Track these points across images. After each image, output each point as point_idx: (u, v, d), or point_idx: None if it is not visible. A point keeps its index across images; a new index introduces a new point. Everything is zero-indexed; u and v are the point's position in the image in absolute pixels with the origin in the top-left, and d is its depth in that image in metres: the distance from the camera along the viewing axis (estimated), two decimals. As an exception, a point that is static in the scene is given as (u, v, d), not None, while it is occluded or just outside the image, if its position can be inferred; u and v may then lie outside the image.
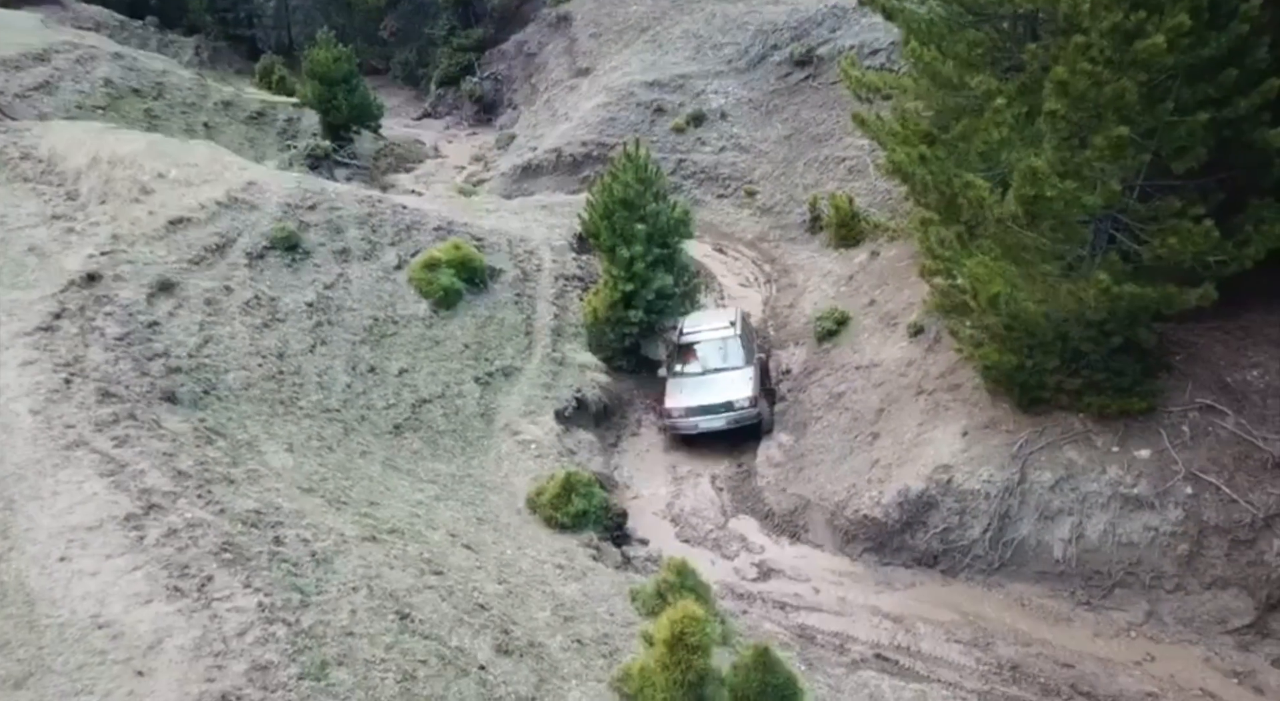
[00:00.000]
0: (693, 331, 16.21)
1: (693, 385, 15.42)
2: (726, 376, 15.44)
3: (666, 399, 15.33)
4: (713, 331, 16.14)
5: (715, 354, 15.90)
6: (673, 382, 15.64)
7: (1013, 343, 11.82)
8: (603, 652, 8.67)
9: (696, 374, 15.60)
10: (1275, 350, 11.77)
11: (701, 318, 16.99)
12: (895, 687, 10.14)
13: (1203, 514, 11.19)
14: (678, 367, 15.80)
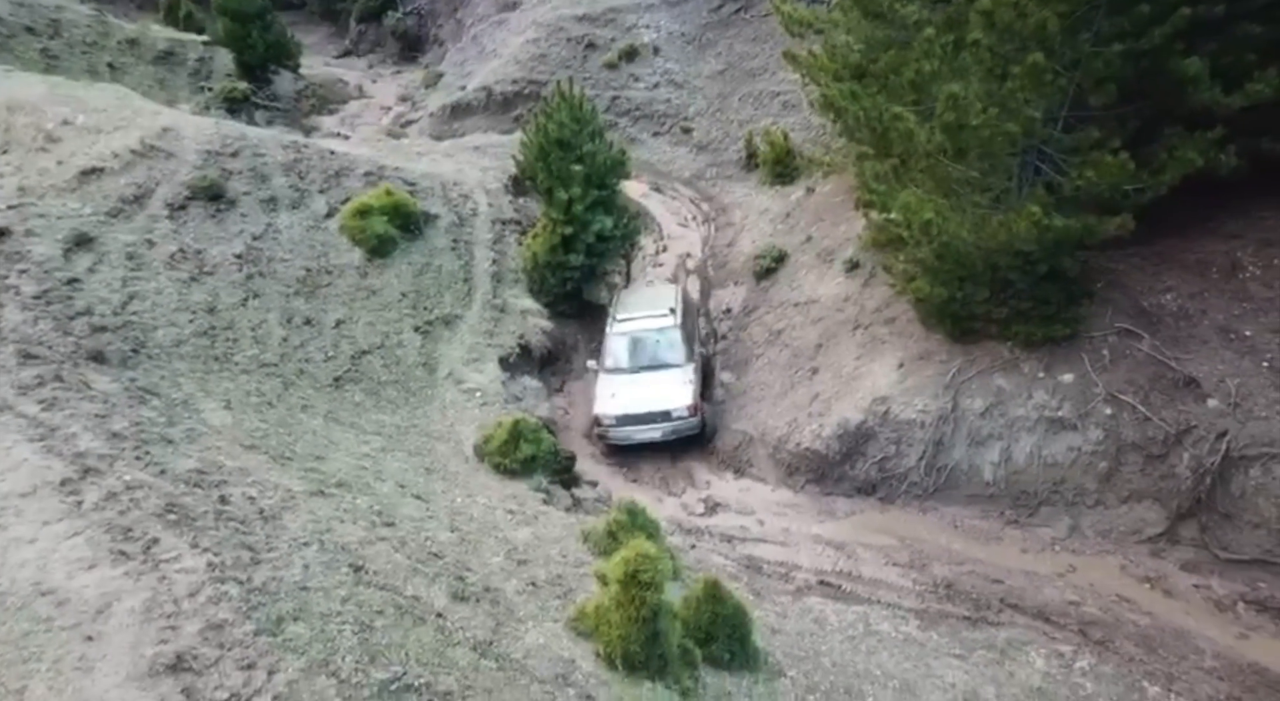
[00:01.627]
0: (625, 319, 14.68)
1: (625, 387, 13.83)
2: (664, 377, 13.95)
3: (596, 403, 13.85)
4: (649, 320, 14.52)
5: (650, 348, 14.32)
6: (603, 382, 14.10)
7: (944, 275, 12.15)
8: (557, 594, 8.84)
9: (627, 371, 14.15)
10: (1188, 275, 12.35)
11: (638, 298, 15.49)
12: (839, 611, 10.63)
13: (1121, 432, 11.83)
14: (609, 362, 14.34)
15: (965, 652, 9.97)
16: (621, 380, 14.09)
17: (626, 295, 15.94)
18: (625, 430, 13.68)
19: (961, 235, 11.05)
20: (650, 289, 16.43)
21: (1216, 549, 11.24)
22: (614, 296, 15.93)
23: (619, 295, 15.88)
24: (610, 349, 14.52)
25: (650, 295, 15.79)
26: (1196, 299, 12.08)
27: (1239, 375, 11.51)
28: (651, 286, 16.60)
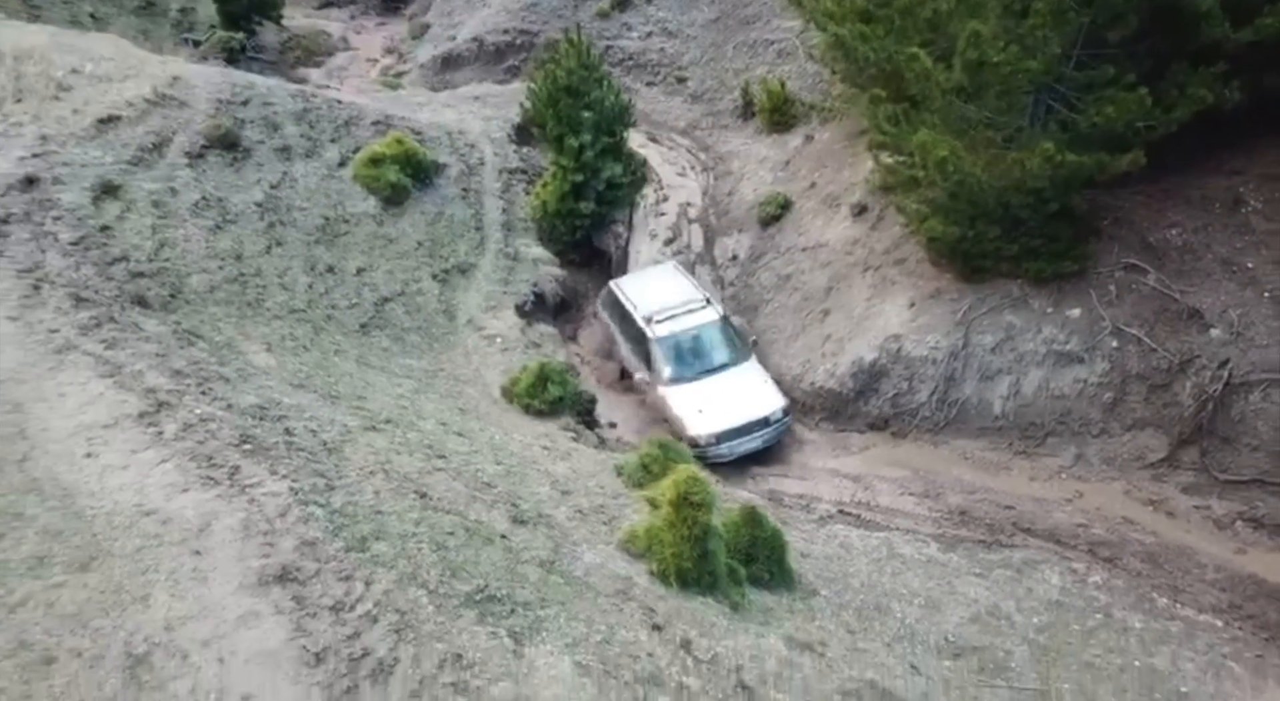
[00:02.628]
0: (665, 318, 13.05)
1: (706, 399, 12.52)
2: (741, 379, 12.87)
3: (683, 423, 12.43)
4: (689, 316, 13.09)
5: (707, 349, 13.11)
6: (674, 397, 12.63)
7: (956, 214, 12.46)
8: (603, 520, 9.17)
9: (692, 379, 12.85)
10: (1191, 210, 12.76)
11: (650, 287, 13.86)
12: (862, 537, 11.08)
13: (1126, 364, 12.32)
14: (668, 373, 12.84)
15: (984, 572, 10.47)
16: (695, 391, 12.68)
17: (630, 284, 14.06)
18: (727, 446, 12.47)
19: (975, 173, 11.34)
20: (658, 275, 14.53)
21: (1216, 471, 11.81)
22: (609, 290, 14.08)
23: (620, 286, 13.96)
24: (662, 356, 12.90)
25: (663, 283, 14.03)
26: (1200, 233, 12.51)
27: (1241, 306, 11.99)
28: (656, 271, 14.69)
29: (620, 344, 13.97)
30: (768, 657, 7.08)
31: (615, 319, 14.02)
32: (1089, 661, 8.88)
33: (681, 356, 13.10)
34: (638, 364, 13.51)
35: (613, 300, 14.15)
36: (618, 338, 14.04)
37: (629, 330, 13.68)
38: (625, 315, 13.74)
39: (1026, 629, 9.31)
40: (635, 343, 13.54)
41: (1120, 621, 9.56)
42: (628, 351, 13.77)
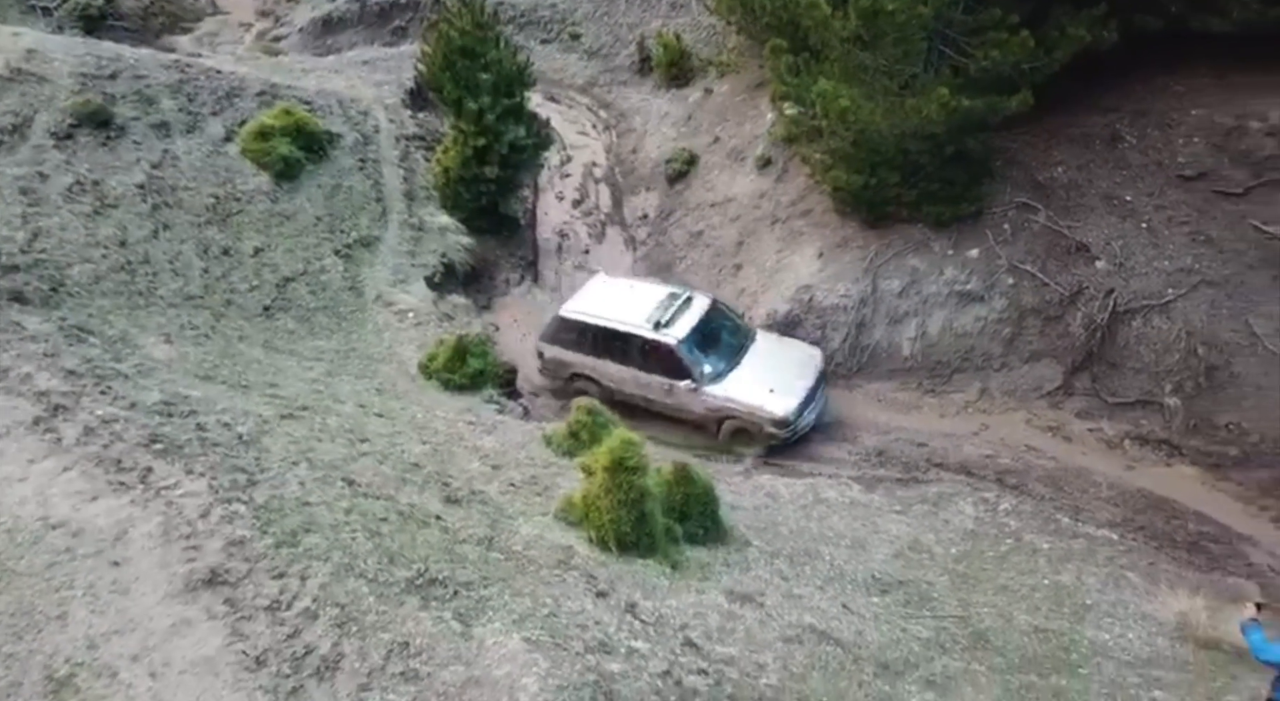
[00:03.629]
0: (663, 317, 12.20)
1: (760, 376, 12.03)
2: (771, 347, 12.56)
3: (764, 409, 11.75)
4: (690, 308, 12.39)
5: (722, 335, 12.60)
6: (736, 388, 11.95)
7: (858, 162, 12.71)
8: (536, 492, 9.14)
9: (732, 368, 12.23)
10: (1074, 148, 13.38)
11: (607, 299, 12.80)
12: (788, 484, 11.39)
13: (1021, 299, 12.95)
14: (706, 369, 12.05)
15: (904, 508, 10.93)
16: (747, 376, 12.07)
17: (591, 306, 12.76)
18: (809, 413, 12.10)
19: (876, 121, 11.57)
20: (608, 286, 13.33)
21: (1106, 395, 12.62)
22: (563, 321, 12.71)
23: (580, 312, 12.65)
24: (692, 357, 12.07)
25: (624, 291, 13.03)
26: (1083, 170, 13.15)
27: (1122, 237, 12.73)
28: (598, 285, 13.41)
29: (605, 372, 12.59)
30: (710, 613, 7.26)
31: (589, 348, 12.54)
32: (1004, 584, 9.42)
33: (710, 349, 12.29)
34: (648, 380, 12.30)
35: (578, 328, 12.57)
36: (598, 367, 12.61)
37: (623, 350, 12.34)
38: (612, 336, 12.34)
39: (946, 559, 9.79)
40: (642, 359, 12.24)
41: (1029, 544, 10.16)
42: (627, 374, 12.44)
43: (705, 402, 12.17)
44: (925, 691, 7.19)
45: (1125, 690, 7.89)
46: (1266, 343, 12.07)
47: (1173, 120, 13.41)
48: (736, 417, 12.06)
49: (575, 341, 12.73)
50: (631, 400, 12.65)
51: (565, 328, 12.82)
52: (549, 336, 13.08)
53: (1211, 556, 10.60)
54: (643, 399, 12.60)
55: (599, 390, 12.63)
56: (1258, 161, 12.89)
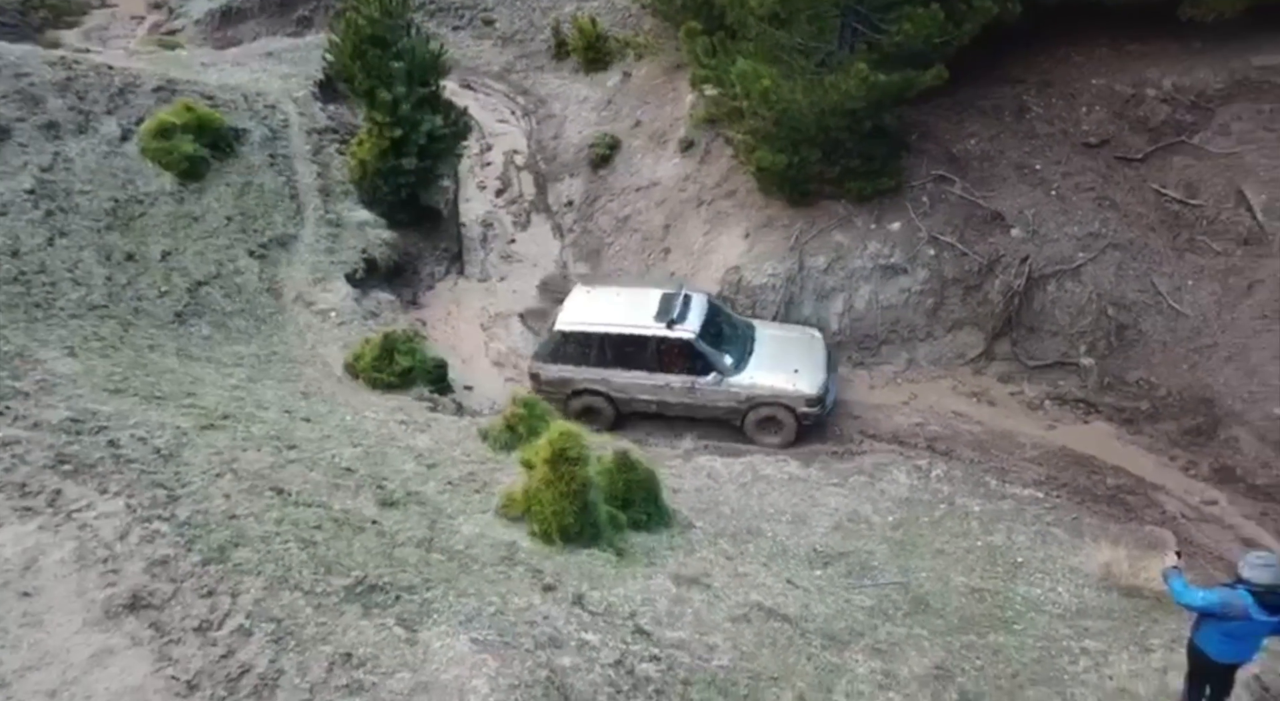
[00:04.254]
0: (672, 315, 11.84)
1: (779, 360, 12.00)
2: (776, 333, 12.61)
3: (795, 390, 11.70)
4: (693, 304, 12.11)
5: (732, 324, 12.56)
6: (756, 375, 11.84)
7: (781, 142, 12.80)
8: (475, 489, 8.97)
9: (746, 355, 12.13)
10: (985, 120, 13.75)
11: (602, 305, 12.43)
12: (727, 464, 11.44)
13: (943, 270, 13.27)
14: (727, 361, 11.92)
15: (841, 481, 11.11)
16: (766, 363, 11.98)
17: (588, 314, 12.31)
18: (831, 393, 12.16)
19: (797, 99, 11.65)
20: (597, 294, 12.86)
21: (1025, 359, 13.07)
22: (564, 335, 12.18)
23: (579, 322, 12.17)
24: (711, 351, 11.88)
25: (618, 295, 12.64)
26: (995, 141, 13.52)
27: (1034, 205, 13.15)
28: (582, 294, 12.91)
29: (616, 382, 12.16)
30: (659, 598, 7.24)
31: (595, 359, 12.07)
32: (940, 548, 9.67)
33: (724, 341, 12.16)
34: (665, 382, 12.00)
35: (581, 340, 12.09)
36: (607, 378, 12.16)
37: (635, 355, 11.97)
38: (621, 342, 11.93)
39: (884, 528, 9.99)
40: (657, 361, 11.92)
41: (962, 507, 10.44)
42: (641, 380, 12.07)
43: (732, 394, 11.91)
44: (871, 659, 7.32)
45: (1058, 642, 8.18)
46: (1169, 300, 12.67)
47: (1075, 90, 13.91)
48: (766, 404, 11.85)
49: (578, 355, 12.11)
50: (645, 408, 12.35)
51: (565, 342, 12.15)
52: (546, 355, 12.34)
53: (1129, 507, 11.08)
54: (658, 404, 12.25)
55: (607, 405, 12.29)
56: (1154, 127, 13.49)
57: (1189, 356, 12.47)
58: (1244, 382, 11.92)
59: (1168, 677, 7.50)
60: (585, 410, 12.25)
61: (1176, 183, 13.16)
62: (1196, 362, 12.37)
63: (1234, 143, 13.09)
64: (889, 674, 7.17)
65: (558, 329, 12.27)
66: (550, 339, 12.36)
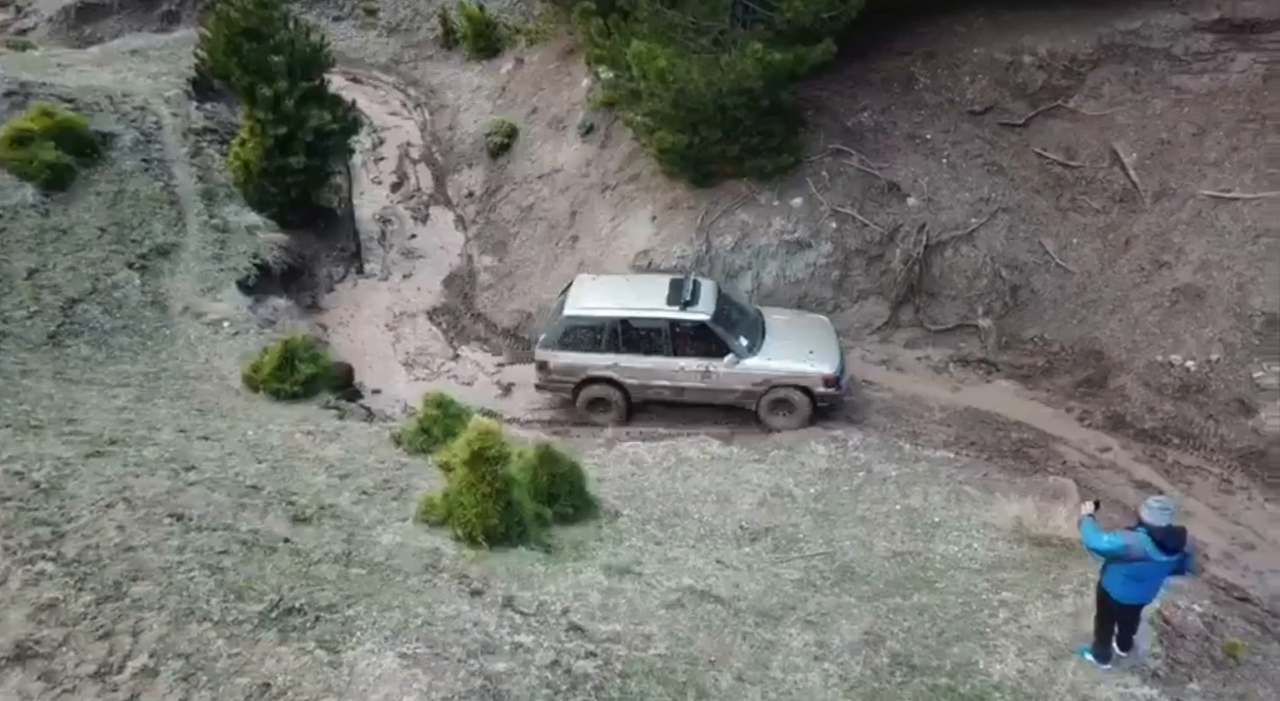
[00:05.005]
0: (685, 299, 11.68)
1: (793, 342, 11.94)
2: (784, 317, 12.57)
3: (813, 371, 11.60)
4: (702, 290, 11.95)
5: (746, 311, 12.43)
6: (771, 356, 11.73)
7: (680, 122, 12.75)
8: (392, 497, 8.67)
9: (759, 337, 12.02)
10: (876, 93, 14.02)
11: (609, 292, 12.21)
12: (650, 449, 11.41)
13: (846, 242, 13.50)
14: (743, 343, 11.76)
15: (762, 457, 11.22)
16: (780, 344, 11.87)
17: (595, 299, 12.03)
18: (846, 376, 12.02)
19: (694, 79, 11.62)
20: (601, 282, 12.64)
21: (928, 324, 13.45)
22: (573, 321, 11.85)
23: (589, 310, 11.87)
24: (726, 333, 11.73)
25: (622, 283, 12.55)
26: (887, 113, 13.81)
27: (927, 174, 13.51)
28: (587, 282, 12.62)
29: (627, 368, 11.90)
30: (591, 592, 7.15)
31: (606, 346, 11.81)
32: (861, 515, 9.88)
33: (737, 324, 12.02)
34: (680, 366, 11.79)
35: (591, 326, 11.80)
36: (618, 364, 11.90)
37: (648, 340, 11.78)
38: (634, 326, 11.73)
39: (806, 500, 10.14)
40: (671, 345, 11.76)
41: (879, 474, 10.69)
42: (654, 365, 11.84)
43: (748, 377, 11.73)
44: (805, 632, 7.41)
45: (977, 596, 8.46)
46: (1057, 259, 13.24)
47: (958, 60, 14.31)
48: (782, 387, 11.72)
49: (588, 341, 11.84)
50: (658, 396, 12.12)
51: (574, 328, 11.85)
52: (553, 342, 11.98)
53: (1033, 460, 11.55)
54: (671, 390, 12.03)
55: (618, 393, 12.05)
56: (1033, 93, 14.01)
57: (1077, 312, 13.06)
58: (1128, 333, 12.56)
59: (1079, 621, 7.85)
60: (595, 401, 12.06)
61: (1056, 145, 13.72)
62: (1085, 317, 12.97)
63: (1105, 105, 13.71)
64: (822, 644, 7.28)
65: (566, 314, 11.94)
66: (558, 325, 12.00)
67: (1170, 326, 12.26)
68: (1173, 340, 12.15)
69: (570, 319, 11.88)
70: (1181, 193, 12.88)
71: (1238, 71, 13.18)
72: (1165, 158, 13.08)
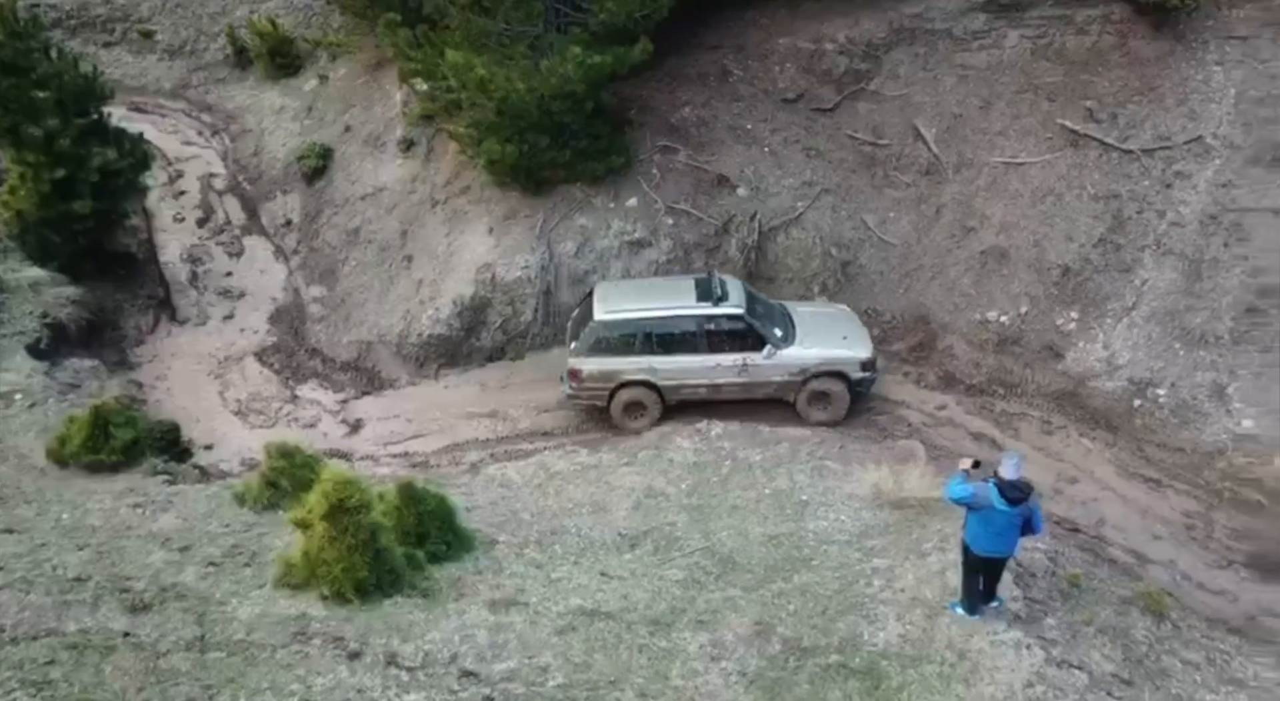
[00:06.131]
0: (713, 297, 11.67)
1: (824, 331, 12.08)
2: (809, 309, 12.71)
3: (850, 356, 11.72)
4: (729, 286, 11.93)
5: (765, 299, 12.48)
6: (809, 345, 11.77)
7: (507, 131, 12.47)
8: (244, 563, 7.99)
9: (792, 329, 12.05)
10: (695, 87, 14.29)
11: (636, 295, 12.16)
12: (518, 468, 11.15)
13: (683, 236, 13.71)
14: (778, 332, 11.84)
15: (631, 459, 11.20)
16: (813, 334, 11.93)
17: (623, 302, 11.93)
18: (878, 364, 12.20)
19: (516, 87, 11.37)
20: (630, 285, 12.82)
21: (771, 308, 13.81)
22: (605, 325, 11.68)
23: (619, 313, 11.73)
24: (761, 326, 11.73)
25: (644, 286, 12.67)
26: (707, 107, 14.10)
27: (752, 164, 13.92)
28: (611, 286, 12.60)
29: (663, 369, 11.77)
30: (477, 631, 6.85)
31: (640, 348, 11.69)
32: (733, 504, 10.05)
33: (770, 318, 12.01)
34: (716, 362, 11.72)
35: (624, 328, 11.66)
36: (654, 365, 11.75)
37: (683, 338, 11.71)
38: (668, 325, 11.66)
39: (680, 497, 10.20)
40: (707, 342, 11.70)
41: (744, 460, 10.91)
42: (690, 364, 11.73)
43: (785, 367, 11.73)
44: (698, 634, 7.44)
45: (852, 568, 8.81)
46: (879, 233, 13.99)
47: (766, 50, 14.80)
48: (820, 376, 11.74)
49: (622, 345, 11.71)
50: (693, 395, 11.98)
51: (608, 331, 11.70)
52: (586, 349, 11.75)
53: (881, 427, 12.15)
54: (708, 388, 11.93)
55: (654, 396, 11.93)
56: (838, 78, 14.68)
57: (902, 281, 13.86)
58: (948, 296, 13.44)
59: (946, 577, 8.32)
60: (631, 405, 11.95)
61: (865, 126, 14.46)
62: (909, 286, 13.78)
63: (903, 85, 14.58)
64: (717, 643, 7.33)
65: (599, 319, 11.71)
66: (590, 331, 11.77)
67: (983, 286, 13.22)
68: (987, 298, 13.12)
69: (602, 324, 11.73)
70: (977, 162, 13.89)
71: (1010, 47, 14.31)
72: (959, 130, 14.07)
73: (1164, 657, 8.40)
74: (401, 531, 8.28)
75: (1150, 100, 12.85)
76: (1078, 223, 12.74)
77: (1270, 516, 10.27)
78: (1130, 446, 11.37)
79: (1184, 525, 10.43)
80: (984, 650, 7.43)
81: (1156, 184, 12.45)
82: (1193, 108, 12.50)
